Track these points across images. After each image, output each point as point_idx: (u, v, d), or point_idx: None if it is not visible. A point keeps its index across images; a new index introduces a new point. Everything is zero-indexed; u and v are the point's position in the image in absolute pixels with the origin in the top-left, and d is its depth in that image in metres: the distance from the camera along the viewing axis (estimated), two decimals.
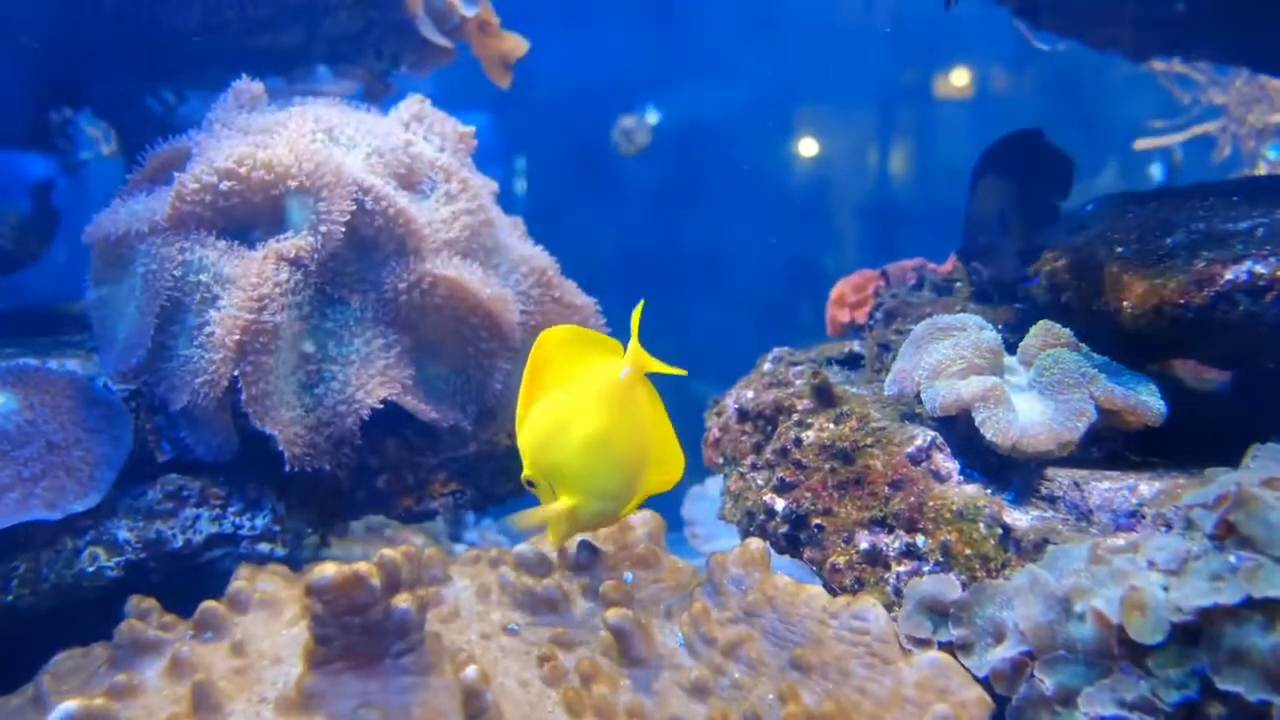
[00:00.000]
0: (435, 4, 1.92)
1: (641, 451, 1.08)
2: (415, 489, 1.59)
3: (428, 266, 1.42)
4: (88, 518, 1.32)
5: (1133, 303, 1.20)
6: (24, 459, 1.29)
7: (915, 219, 3.89)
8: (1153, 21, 1.82)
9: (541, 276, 1.58)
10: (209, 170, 1.38)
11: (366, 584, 1.10)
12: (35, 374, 1.40)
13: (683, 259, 4.06)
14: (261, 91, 1.57)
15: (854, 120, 4.14)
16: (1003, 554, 1.10)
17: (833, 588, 1.19)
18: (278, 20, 1.81)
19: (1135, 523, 1.10)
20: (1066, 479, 1.16)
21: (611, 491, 1.07)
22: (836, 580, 1.18)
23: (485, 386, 1.50)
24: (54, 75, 1.90)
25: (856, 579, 1.17)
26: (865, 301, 1.87)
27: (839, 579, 1.18)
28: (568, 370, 1.08)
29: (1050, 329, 1.24)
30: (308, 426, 1.37)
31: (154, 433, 1.43)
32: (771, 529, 1.28)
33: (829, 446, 1.26)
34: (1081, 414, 1.14)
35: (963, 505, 1.14)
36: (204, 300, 1.32)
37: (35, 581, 1.28)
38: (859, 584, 1.16)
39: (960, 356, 1.22)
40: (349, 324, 1.42)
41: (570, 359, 1.08)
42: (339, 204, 1.37)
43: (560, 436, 1.06)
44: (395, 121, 1.63)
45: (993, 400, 1.15)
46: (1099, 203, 1.46)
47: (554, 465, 1.07)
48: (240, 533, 1.41)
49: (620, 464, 1.07)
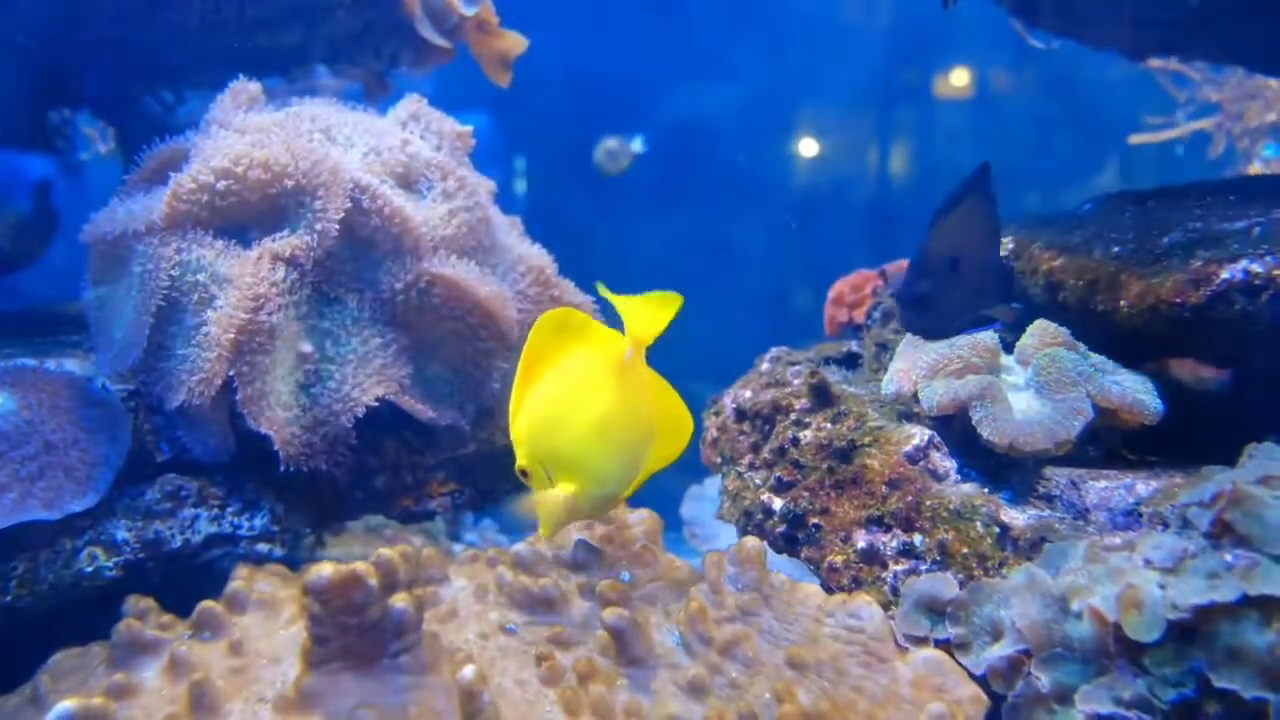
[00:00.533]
0: (433, 4, 1.92)
1: (648, 429, 1.06)
2: (414, 489, 1.59)
3: (425, 265, 1.42)
4: (86, 518, 1.32)
5: (1129, 302, 1.20)
6: (22, 459, 1.29)
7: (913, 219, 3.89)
8: (1150, 21, 1.82)
9: (539, 275, 1.58)
10: (205, 170, 1.38)
11: (364, 584, 1.10)
12: (33, 374, 1.40)
13: (681, 258, 4.06)
14: (259, 92, 1.57)
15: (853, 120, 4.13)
16: (1000, 552, 1.10)
17: (830, 587, 1.19)
18: (276, 20, 1.81)
19: (1132, 521, 1.10)
20: (1064, 478, 1.16)
21: (616, 474, 1.05)
22: (834, 579, 1.18)
23: (483, 385, 1.50)
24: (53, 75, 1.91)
25: (854, 578, 1.17)
26: (864, 301, 1.87)
27: (836, 578, 1.18)
28: (563, 356, 1.06)
29: (1047, 328, 1.25)
30: (304, 426, 1.37)
31: (152, 432, 1.43)
32: (769, 528, 1.28)
33: (826, 446, 1.26)
34: (1078, 412, 1.14)
35: (960, 504, 1.14)
36: (201, 300, 1.32)
37: (34, 582, 1.28)
38: (856, 583, 1.17)
39: (957, 356, 1.22)
40: (346, 323, 1.42)
41: (564, 345, 1.06)
42: (335, 202, 1.37)
43: (563, 422, 1.03)
44: (393, 121, 1.63)
45: (990, 399, 1.15)
46: (1096, 202, 1.46)
47: (555, 452, 1.04)
48: (239, 533, 1.41)
49: (628, 444, 1.05)
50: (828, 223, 3.99)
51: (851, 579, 1.17)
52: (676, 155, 4.05)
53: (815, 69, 4.04)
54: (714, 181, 4.04)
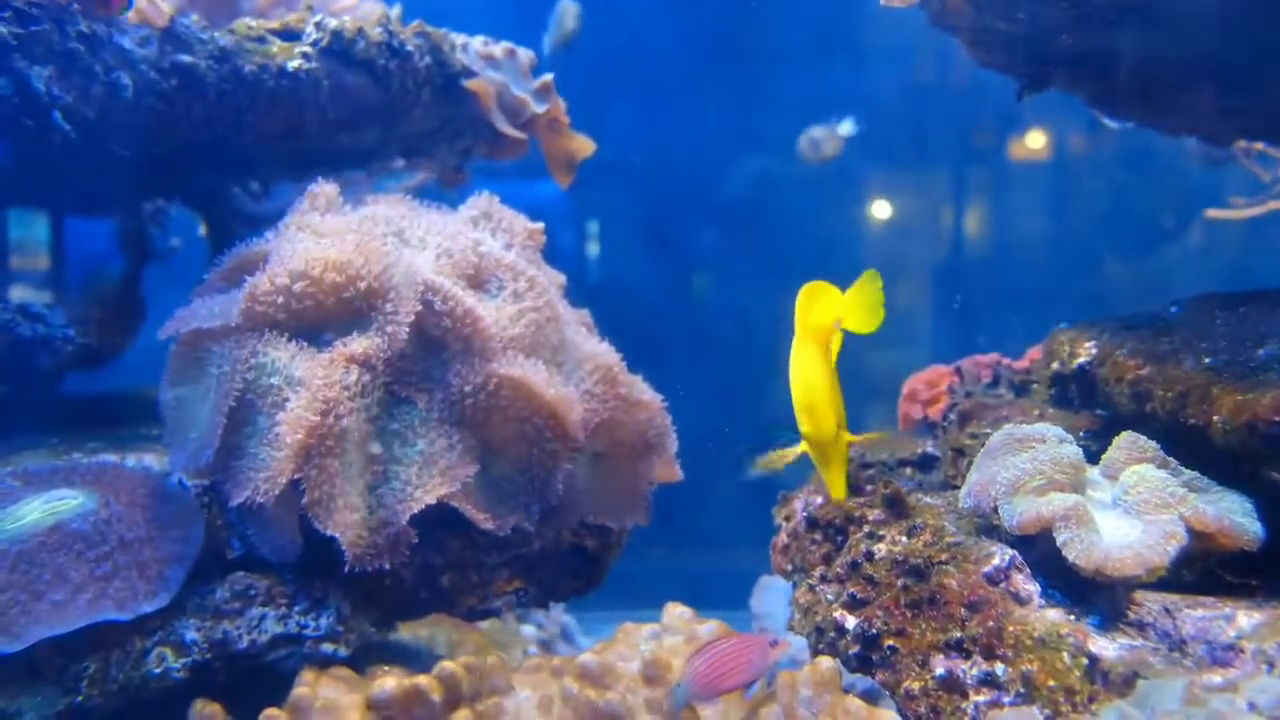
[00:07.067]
0: (507, 101, 1.96)
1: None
2: (479, 587, 1.58)
3: (494, 366, 1.42)
4: (157, 617, 1.33)
5: (1223, 418, 1.14)
6: (97, 558, 1.31)
7: (990, 298, 3.82)
8: (1233, 111, 1.77)
9: (606, 373, 1.57)
10: (282, 272, 1.41)
11: (426, 699, 1.09)
12: (113, 472, 1.43)
13: (749, 333, 4.03)
14: (336, 194, 1.61)
15: (926, 194, 4.10)
16: (1089, 686, 1.04)
17: (907, 714, 1.14)
18: (356, 121, 1.86)
19: (1233, 656, 1.03)
20: (1157, 604, 1.10)
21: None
22: (911, 707, 1.13)
23: (548, 485, 1.49)
24: (146, 171, 1.99)
25: (932, 707, 1.11)
26: (939, 398, 1.82)
27: (913, 706, 1.13)
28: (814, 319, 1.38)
29: (1135, 442, 1.19)
30: (370, 528, 1.37)
31: (224, 528, 1.45)
32: (842, 647, 1.23)
33: (902, 562, 1.22)
34: (1171, 536, 1.08)
35: (1044, 632, 1.09)
36: (274, 404, 1.34)
37: (104, 682, 1.29)
38: (934, 712, 1.11)
39: (1039, 471, 1.17)
40: (414, 424, 1.42)
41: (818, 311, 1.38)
42: (406, 305, 1.39)
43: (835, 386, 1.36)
44: (464, 219, 1.66)
45: (1075, 520, 1.10)
46: (1184, 305, 1.40)
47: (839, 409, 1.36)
48: (305, 633, 1.40)
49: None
50: (899, 293, 3.93)
51: (930, 708, 1.12)
52: (748, 224, 4.05)
53: (891, 139, 4.01)
54: (785, 254, 4.02)
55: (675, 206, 4.05)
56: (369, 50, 1.80)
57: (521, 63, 2.08)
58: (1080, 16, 1.49)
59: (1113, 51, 1.62)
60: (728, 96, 4.06)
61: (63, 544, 1.29)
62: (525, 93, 2.06)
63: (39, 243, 2.33)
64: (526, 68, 2.09)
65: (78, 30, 1.47)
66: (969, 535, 1.23)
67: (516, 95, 2.03)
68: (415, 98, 1.91)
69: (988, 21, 1.57)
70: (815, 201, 4.00)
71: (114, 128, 1.58)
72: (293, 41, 1.76)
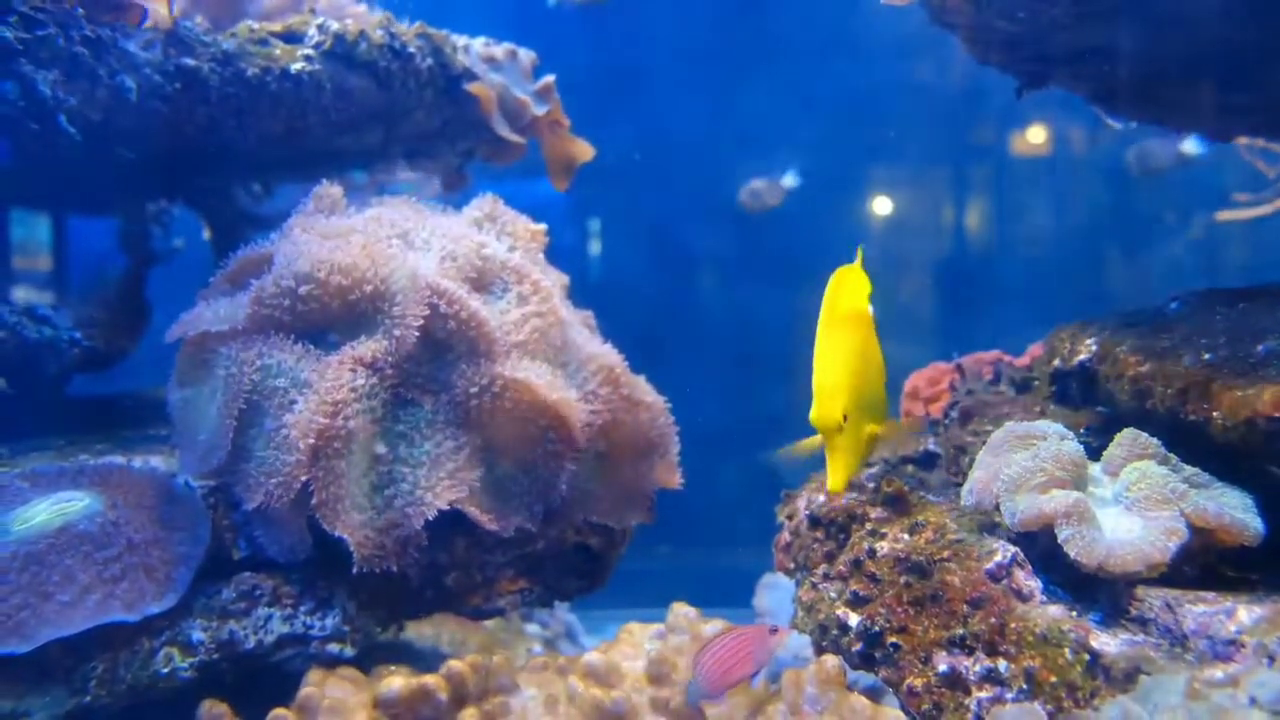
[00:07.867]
0: (508, 104, 1.97)
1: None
2: (483, 586, 1.58)
3: (498, 369, 1.43)
4: (164, 618, 1.34)
5: (1223, 413, 1.15)
6: (105, 560, 1.32)
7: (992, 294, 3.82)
8: (1237, 108, 1.78)
9: (609, 374, 1.58)
10: (288, 274, 1.42)
11: (433, 698, 1.10)
12: (120, 473, 1.44)
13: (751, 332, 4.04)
14: (340, 195, 1.62)
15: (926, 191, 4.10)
16: (1091, 682, 1.05)
17: (910, 711, 1.14)
18: (358, 123, 1.87)
19: (1234, 651, 1.04)
20: (1158, 600, 1.11)
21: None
22: (914, 704, 1.14)
23: (552, 486, 1.50)
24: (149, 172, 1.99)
25: (935, 703, 1.12)
26: (940, 396, 1.83)
27: (916, 702, 1.13)
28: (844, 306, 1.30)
29: (1137, 439, 1.20)
30: (377, 529, 1.38)
31: (231, 529, 1.45)
32: (845, 645, 1.24)
33: (904, 559, 1.22)
34: (1172, 533, 1.09)
35: (1046, 628, 1.09)
36: (281, 405, 1.35)
37: (112, 682, 1.30)
38: (937, 709, 1.12)
39: (1041, 469, 1.17)
40: (420, 426, 1.43)
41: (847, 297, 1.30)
42: (413, 308, 1.40)
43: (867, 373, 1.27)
44: (468, 221, 1.67)
45: (1076, 517, 1.10)
46: (1184, 301, 1.41)
47: (866, 398, 1.26)
48: (311, 633, 1.41)
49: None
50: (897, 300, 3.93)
51: (933, 704, 1.12)
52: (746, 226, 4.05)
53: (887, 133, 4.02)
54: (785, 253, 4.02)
55: (677, 206, 4.06)
56: (371, 52, 1.81)
57: (523, 64, 2.09)
58: (1080, 14, 1.49)
59: (1113, 49, 1.63)
60: (728, 96, 4.06)
61: (71, 545, 1.30)
62: (526, 94, 2.06)
63: (44, 244, 2.34)
64: (528, 69, 2.10)
65: (83, 34, 1.48)
66: (971, 532, 1.24)
67: (517, 97, 2.04)
68: (417, 99, 1.92)
69: (987, 19, 1.57)
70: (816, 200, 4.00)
71: (118, 130, 1.59)
72: (295, 44, 1.77)
